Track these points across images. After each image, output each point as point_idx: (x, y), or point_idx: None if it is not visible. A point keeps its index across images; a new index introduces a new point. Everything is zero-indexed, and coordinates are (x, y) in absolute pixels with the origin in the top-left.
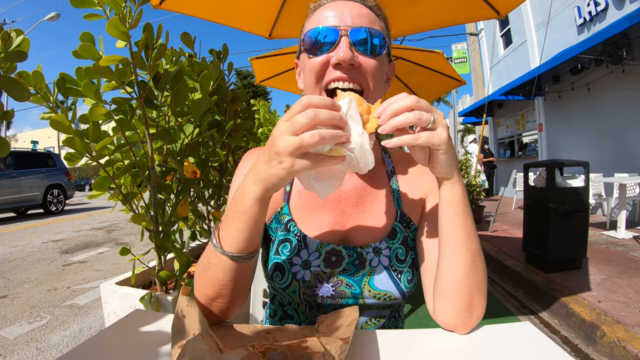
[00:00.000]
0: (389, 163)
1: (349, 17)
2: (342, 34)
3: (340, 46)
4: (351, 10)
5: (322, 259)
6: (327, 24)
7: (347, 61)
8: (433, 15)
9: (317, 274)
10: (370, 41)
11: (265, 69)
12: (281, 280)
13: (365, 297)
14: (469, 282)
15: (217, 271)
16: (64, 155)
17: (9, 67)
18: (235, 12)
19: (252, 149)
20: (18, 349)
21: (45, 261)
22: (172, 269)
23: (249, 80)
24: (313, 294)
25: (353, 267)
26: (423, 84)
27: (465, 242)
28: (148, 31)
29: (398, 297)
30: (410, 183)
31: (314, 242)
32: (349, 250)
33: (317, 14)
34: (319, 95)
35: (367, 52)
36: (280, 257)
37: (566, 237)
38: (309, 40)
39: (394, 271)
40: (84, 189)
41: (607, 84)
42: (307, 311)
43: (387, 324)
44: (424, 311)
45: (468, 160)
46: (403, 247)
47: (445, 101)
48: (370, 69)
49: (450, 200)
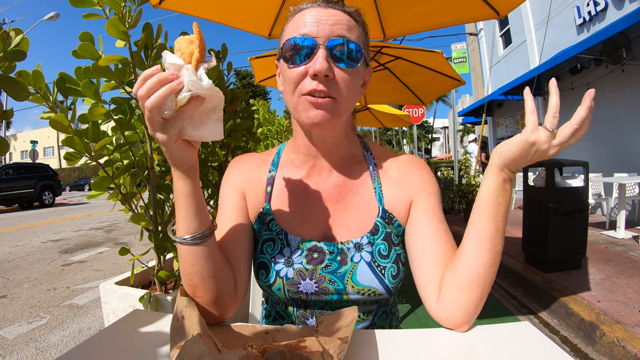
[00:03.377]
0: (371, 160)
1: (327, 24)
2: (319, 44)
3: (317, 57)
4: (329, 18)
5: (304, 255)
6: (306, 32)
7: (323, 72)
8: (433, 15)
9: (299, 270)
10: (346, 52)
11: (265, 68)
12: (266, 278)
13: (349, 293)
14: (486, 278)
15: (180, 263)
16: (64, 155)
17: (8, 66)
18: (234, 11)
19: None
20: (17, 349)
21: (45, 261)
22: (172, 269)
23: (248, 80)
24: (297, 290)
25: (335, 264)
26: (423, 84)
27: (492, 238)
28: (147, 31)
29: (383, 292)
30: (394, 180)
31: (295, 240)
32: (330, 246)
33: (297, 19)
34: (296, 100)
35: (343, 63)
36: (265, 256)
37: (565, 237)
38: (287, 48)
39: (377, 266)
40: (83, 189)
41: (607, 83)
42: (296, 311)
43: (378, 320)
44: (424, 311)
45: (468, 160)
46: (385, 243)
47: (444, 101)
48: (345, 80)
49: (497, 192)
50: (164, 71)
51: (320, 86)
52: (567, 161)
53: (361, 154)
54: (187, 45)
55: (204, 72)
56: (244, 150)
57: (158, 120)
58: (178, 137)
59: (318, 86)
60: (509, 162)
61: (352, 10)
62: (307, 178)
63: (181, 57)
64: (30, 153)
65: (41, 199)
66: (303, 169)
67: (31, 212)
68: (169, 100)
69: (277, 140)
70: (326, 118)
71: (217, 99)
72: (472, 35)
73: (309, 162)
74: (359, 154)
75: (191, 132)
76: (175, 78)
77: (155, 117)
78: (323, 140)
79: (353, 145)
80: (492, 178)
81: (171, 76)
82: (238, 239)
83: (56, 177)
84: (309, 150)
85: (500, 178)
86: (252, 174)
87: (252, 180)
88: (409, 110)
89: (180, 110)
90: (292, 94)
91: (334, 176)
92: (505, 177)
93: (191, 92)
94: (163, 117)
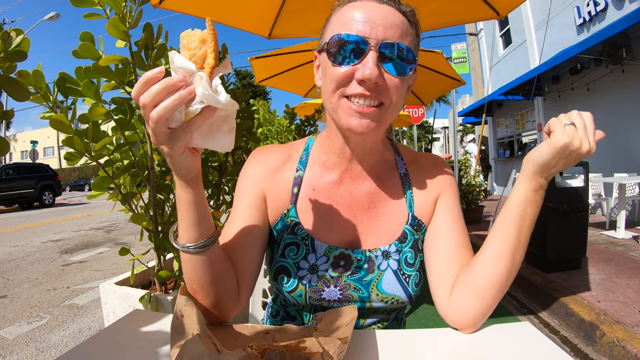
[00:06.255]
0: (402, 165)
1: (381, 26)
2: (371, 47)
3: (367, 62)
4: (384, 17)
5: (330, 263)
6: (356, 31)
7: (373, 80)
8: (433, 16)
9: (324, 278)
10: (399, 59)
11: (265, 68)
12: (287, 283)
13: (372, 301)
14: (501, 288)
15: (183, 267)
16: (64, 155)
17: (9, 66)
18: (234, 11)
19: (258, 148)
20: (17, 349)
21: (45, 261)
22: (172, 269)
23: (249, 80)
24: (320, 298)
25: (362, 271)
26: (423, 84)
27: (514, 250)
28: (148, 31)
29: (405, 300)
30: (423, 184)
31: (322, 246)
32: (358, 254)
33: (346, 12)
34: (337, 101)
35: (395, 70)
36: (287, 260)
37: (566, 237)
38: (333, 45)
39: (402, 275)
40: (83, 189)
41: (607, 84)
42: (312, 312)
43: (390, 326)
44: (423, 311)
45: (468, 160)
46: (412, 251)
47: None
48: (395, 86)
49: (526, 202)
50: (169, 74)
51: (367, 93)
52: None
53: (393, 159)
54: (198, 44)
55: (219, 82)
56: (244, 150)
57: (164, 132)
58: (185, 149)
59: (365, 92)
60: (542, 167)
61: (408, 10)
62: (339, 183)
63: (191, 60)
64: (30, 153)
65: (41, 199)
66: (335, 172)
67: (31, 212)
68: (178, 111)
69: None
70: (371, 127)
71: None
72: (472, 35)
73: (342, 165)
74: (391, 159)
75: (200, 143)
76: (184, 84)
77: (161, 129)
78: (362, 145)
79: (386, 150)
80: (522, 185)
81: (180, 82)
82: (248, 244)
83: (56, 177)
84: (344, 152)
85: (531, 186)
86: (277, 172)
87: (276, 179)
88: (409, 110)
89: (190, 122)
90: (332, 93)
91: (367, 183)
92: (536, 186)
93: (204, 105)
94: (169, 128)
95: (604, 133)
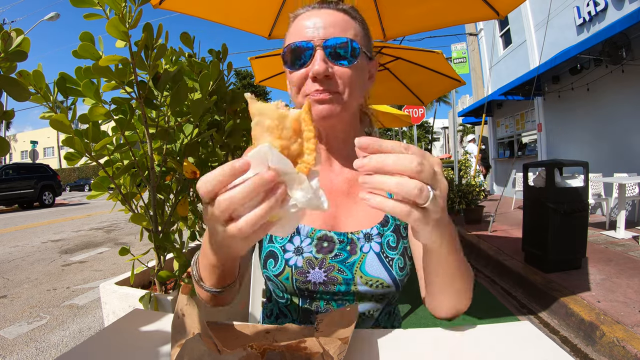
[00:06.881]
0: None
1: (322, 27)
2: (316, 47)
3: (315, 59)
4: (325, 19)
5: (314, 244)
6: (303, 37)
7: (322, 74)
8: (433, 16)
9: (309, 259)
10: (343, 49)
11: (265, 68)
12: (274, 267)
13: (357, 284)
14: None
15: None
16: (64, 155)
17: (9, 66)
18: (235, 11)
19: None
20: (17, 349)
21: (45, 261)
22: (172, 269)
23: (249, 80)
24: (305, 280)
25: (344, 253)
26: (422, 84)
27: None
28: (148, 31)
29: (390, 284)
30: None
31: (305, 229)
32: (340, 235)
33: (295, 25)
34: (301, 101)
35: (341, 60)
36: (274, 245)
37: (565, 237)
38: (288, 54)
39: (385, 257)
40: (83, 189)
41: (607, 84)
42: (301, 304)
43: (382, 320)
44: (424, 311)
45: (467, 160)
46: (394, 235)
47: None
48: (346, 75)
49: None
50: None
51: (321, 87)
52: (567, 161)
53: None
54: (291, 134)
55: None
56: (243, 150)
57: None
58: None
59: (319, 87)
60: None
61: (347, 8)
62: (320, 172)
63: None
64: (30, 153)
65: (41, 199)
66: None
67: (31, 212)
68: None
69: None
70: (332, 110)
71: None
72: (472, 35)
73: (321, 155)
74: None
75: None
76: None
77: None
78: (334, 135)
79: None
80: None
81: (271, 180)
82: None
83: (56, 177)
84: (321, 144)
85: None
86: None
87: None
88: (409, 110)
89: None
90: (296, 95)
91: (345, 171)
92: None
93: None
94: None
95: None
